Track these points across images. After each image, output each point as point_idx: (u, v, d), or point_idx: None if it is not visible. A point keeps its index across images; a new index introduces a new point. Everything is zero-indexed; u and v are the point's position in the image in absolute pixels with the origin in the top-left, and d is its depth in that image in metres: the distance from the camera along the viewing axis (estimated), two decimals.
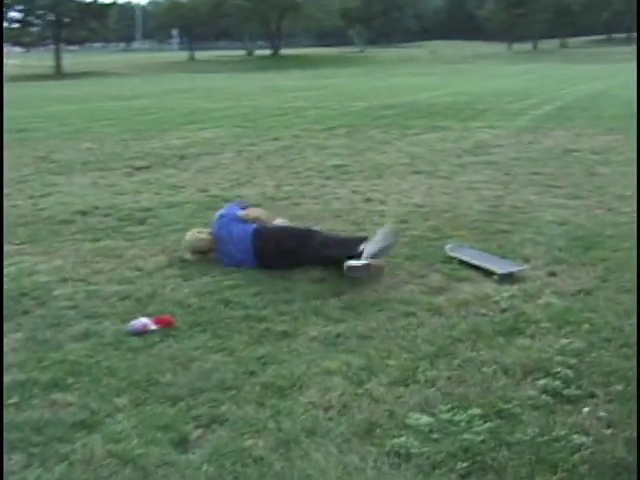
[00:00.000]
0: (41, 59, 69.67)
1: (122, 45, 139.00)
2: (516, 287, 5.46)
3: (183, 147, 13.02)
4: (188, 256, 6.24)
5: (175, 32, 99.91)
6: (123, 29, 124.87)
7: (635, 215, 7.51)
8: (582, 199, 8.44)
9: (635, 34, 64.41)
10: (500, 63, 60.44)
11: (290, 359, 4.30)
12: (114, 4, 74.66)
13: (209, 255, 6.21)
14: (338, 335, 4.63)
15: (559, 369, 4.07)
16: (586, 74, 38.52)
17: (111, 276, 5.85)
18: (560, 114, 17.74)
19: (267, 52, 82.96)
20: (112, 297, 5.38)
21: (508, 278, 5.64)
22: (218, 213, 6.37)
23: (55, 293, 5.46)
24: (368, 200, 8.49)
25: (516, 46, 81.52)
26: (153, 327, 4.75)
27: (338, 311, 5.05)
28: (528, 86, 28.56)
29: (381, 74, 45.10)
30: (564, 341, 4.47)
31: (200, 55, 78.71)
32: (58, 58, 62.07)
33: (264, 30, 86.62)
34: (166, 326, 4.78)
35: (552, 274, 5.77)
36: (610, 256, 6.16)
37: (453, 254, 6.18)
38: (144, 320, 4.79)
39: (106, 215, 7.87)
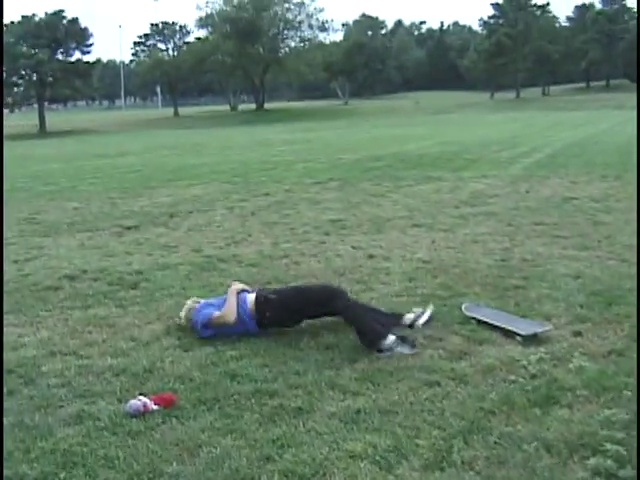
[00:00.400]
0: (24, 118, 69.58)
1: (105, 103, 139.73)
2: (543, 349, 5.08)
3: (172, 205, 12.64)
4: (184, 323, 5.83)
5: (158, 89, 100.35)
6: (106, 87, 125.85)
7: None
8: (592, 250, 8.11)
9: (613, 82, 65.47)
10: (483, 112, 60.80)
11: (309, 440, 3.87)
12: (97, 63, 74.97)
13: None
14: (358, 411, 4.21)
15: (608, 446, 3.67)
16: (569, 121, 38.70)
17: (104, 348, 5.42)
18: (551, 162, 17.55)
19: (251, 106, 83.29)
20: (106, 372, 4.94)
21: (532, 339, 5.28)
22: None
23: (44, 369, 5.02)
24: (371, 256, 8.11)
25: (498, 95, 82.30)
26: (154, 407, 4.31)
27: (355, 383, 4.63)
28: (514, 134, 28.52)
29: (366, 126, 45.17)
30: (607, 412, 4.07)
31: (184, 111, 79.01)
32: (42, 117, 62.01)
33: (247, 85, 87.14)
34: (168, 405, 4.35)
35: (577, 334, 5.40)
36: (634, 312, 5.77)
37: (470, 314, 5.80)
38: (143, 399, 4.34)
39: (95, 279, 7.43)
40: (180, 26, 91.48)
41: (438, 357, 5.04)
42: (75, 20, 69.49)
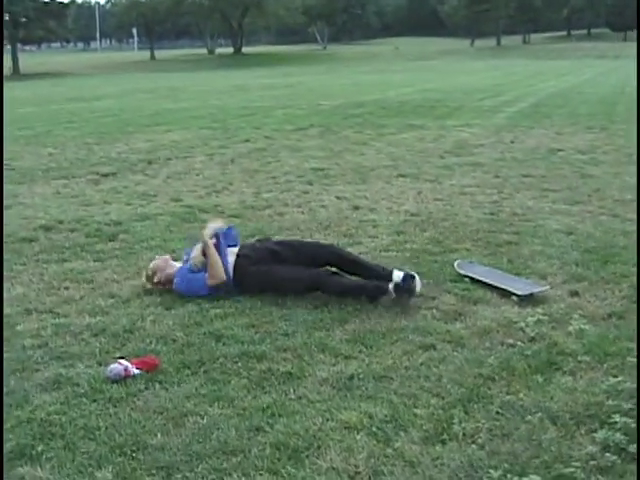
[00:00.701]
0: None
1: (80, 45, 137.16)
2: (540, 310, 4.89)
3: (150, 151, 12.27)
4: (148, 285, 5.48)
5: (134, 31, 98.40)
6: (81, 29, 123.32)
7: None
8: (582, 204, 7.93)
9: (595, 30, 64.96)
10: (464, 59, 60.08)
11: (300, 409, 3.66)
12: (72, 3, 73.20)
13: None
14: (351, 377, 3.99)
15: (616, 417, 3.47)
16: (551, 70, 38.29)
17: (82, 306, 5.16)
18: (535, 112, 17.30)
19: (229, 50, 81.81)
20: (84, 332, 4.69)
21: (529, 299, 5.08)
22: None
23: (19, 328, 4.76)
24: (356, 208, 7.87)
25: (479, 42, 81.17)
26: (135, 371, 4.07)
27: (346, 345, 4.41)
28: (496, 83, 28.18)
29: (346, 71, 44.50)
30: (611, 380, 3.88)
31: (160, 54, 77.48)
32: (15, 59, 60.20)
33: (225, 28, 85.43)
34: (150, 369, 4.11)
35: (574, 294, 5.22)
36: (631, 272, 5.62)
37: (463, 272, 5.59)
38: (124, 363, 4.10)
39: (72, 230, 7.14)
40: None
41: (432, 317, 4.84)
42: None
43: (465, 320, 4.78)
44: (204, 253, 5.38)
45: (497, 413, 3.60)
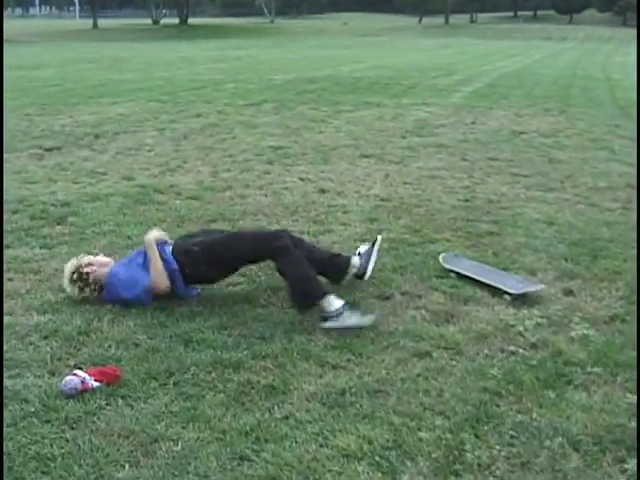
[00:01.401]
0: None
1: (19, 11, 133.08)
2: (537, 312, 4.51)
3: (97, 124, 11.56)
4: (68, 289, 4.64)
5: None
6: None
7: (625, 213, 6.73)
8: (557, 191, 7.61)
9: (541, 12, 65.18)
10: (413, 37, 59.53)
11: (290, 432, 3.19)
12: None
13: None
14: (343, 391, 3.54)
15: None
16: (500, 50, 38.09)
17: (29, 301, 4.58)
18: (491, 92, 16.96)
19: (174, 21, 79.97)
20: (33, 334, 4.13)
21: (522, 298, 4.68)
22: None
23: None
24: (323, 191, 7.39)
25: (426, 20, 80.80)
26: (94, 384, 3.55)
27: (332, 352, 3.95)
28: (448, 61, 27.82)
29: (294, 46, 43.65)
30: (630, 397, 3.51)
31: (103, 23, 75.13)
32: None
33: None
34: (111, 382, 3.59)
35: (569, 292, 4.87)
36: (623, 268, 5.28)
37: (449, 266, 5.17)
38: (81, 374, 3.57)
39: (15, 212, 6.50)
40: None
41: (422, 319, 4.40)
42: None
43: (458, 322, 4.37)
44: None
45: (511, 437, 3.19)
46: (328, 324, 4.21)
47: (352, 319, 4.23)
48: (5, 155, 9.03)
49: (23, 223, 6.14)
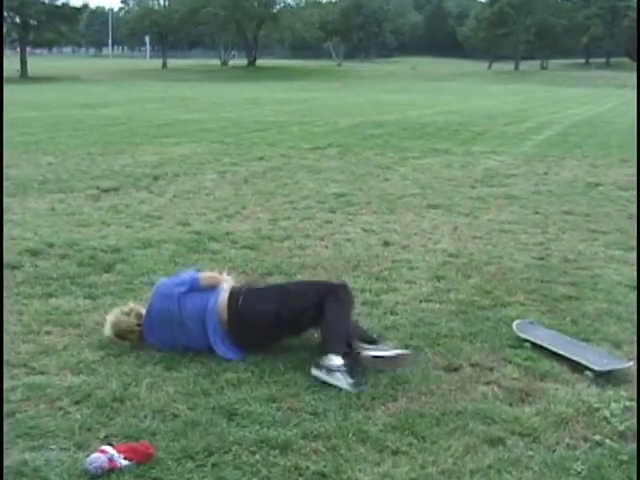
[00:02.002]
0: (7, 62, 66.94)
1: (92, 51, 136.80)
2: (624, 393, 4.00)
3: (157, 165, 11.36)
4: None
5: (147, 39, 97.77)
6: (94, 34, 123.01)
7: None
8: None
9: (614, 59, 63.97)
10: (481, 82, 58.93)
11: None
12: (85, 8, 72.43)
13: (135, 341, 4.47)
14: None
15: None
16: (572, 98, 37.32)
17: (64, 359, 4.24)
18: (564, 140, 16.40)
19: (242, 62, 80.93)
20: (64, 398, 3.77)
21: (606, 375, 4.15)
22: (158, 283, 4.67)
23: None
24: (387, 244, 6.96)
25: (496, 65, 79.84)
26: (122, 462, 3.16)
27: (392, 434, 3.50)
28: (518, 108, 27.25)
29: (361, 89, 43.53)
30: None
31: (173, 63, 76.57)
32: (23, 61, 59.02)
33: (239, 40, 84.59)
34: (142, 460, 3.20)
35: None
36: None
37: (523, 335, 4.67)
38: (109, 450, 3.18)
39: (63, 257, 6.21)
40: None
41: (493, 397, 3.92)
42: None
43: (535, 403, 3.88)
44: None
45: None
46: (318, 373, 4.03)
47: (342, 382, 3.95)
48: (62, 195, 8.89)
49: (70, 270, 5.84)
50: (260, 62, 79.90)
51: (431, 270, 6.13)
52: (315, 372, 4.04)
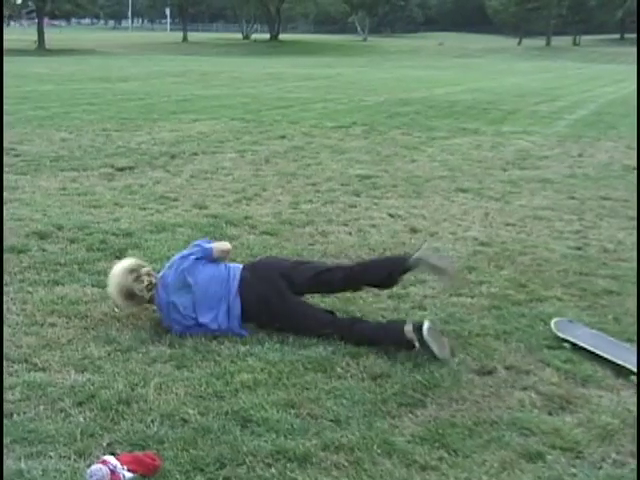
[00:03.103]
0: (24, 33, 66.75)
1: (111, 23, 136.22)
2: None
3: (174, 143, 11.04)
4: (119, 303, 4.42)
5: (167, 11, 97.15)
6: (113, 6, 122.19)
7: None
8: None
9: None
10: (511, 59, 57.78)
11: None
12: None
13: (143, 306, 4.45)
14: None
15: None
16: (606, 75, 36.36)
17: (68, 354, 3.95)
18: (599, 120, 15.87)
19: (264, 36, 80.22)
20: (65, 398, 3.49)
21: None
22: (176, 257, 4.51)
23: None
24: (414, 230, 6.61)
25: (526, 41, 78.20)
26: (127, 474, 2.87)
27: (420, 446, 3.20)
28: (549, 86, 26.59)
29: (387, 65, 42.86)
30: None
31: (193, 37, 76.01)
32: (40, 33, 57.94)
33: (262, 13, 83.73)
34: (148, 473, 2.91)
35: None
36: None
37: (562, 335, 4.33)
38: (111, 461, 2.89)
39: (72, 241, 5.91)
40: None
41: (531, 405, 3.59)
42: None
43: (576, 412, 3.55)
44: None
45: None
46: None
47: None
48: (74, 174, 8.59)
49: (78, 255, 5.54)
50: (283, 36, 79.10)
51: (461, 260, 5.77)
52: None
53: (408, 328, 4.01)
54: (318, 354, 4.00)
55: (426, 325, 3.98)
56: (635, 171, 9.95)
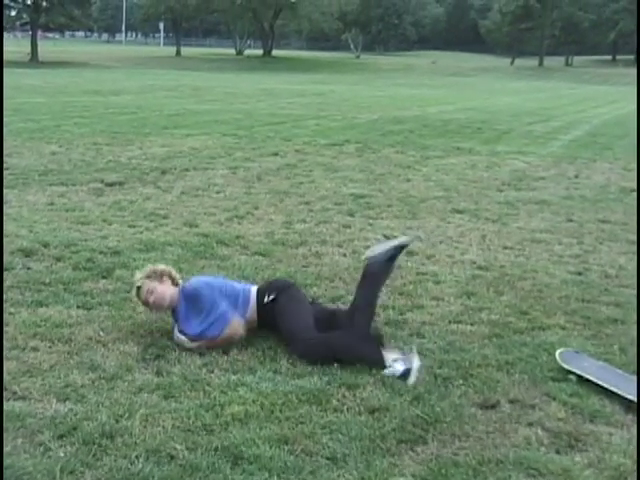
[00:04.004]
0: (18, 45, 66.41)
1: (105, 36, 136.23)
2: None
3: (165, 158, 10.85)
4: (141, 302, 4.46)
5: (161, 26, 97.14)
6: (107, 19, 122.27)
7: None
8: None
9: None
10: (504, 78, 57.77)
11: None
12: None
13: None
14: None
15: None
16: (600, 96, 36.33)
17: (50, 381, 3.74)
18: (593, 141, 15.77)
19: (258, 52, 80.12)
20: (45, 430, 3.28)
21: None
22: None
23: None
24: (410, 253, 6.40)
25: (519, 61, 78.33)
26: None
27: None
28: (543, 106, 26.54)
29: (380, 83, 42.77)
30: None
31: (187, 51, 75.91)
32: (34, 45, 57.74)
33: (256, 29, 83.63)
34: None
35: None
36: None
37: (568, 367, 4.14)
38: None
39: (58, 259, 5.71)
40: None
41: (538, 442, 3.41)
42: None
43: (586, 450, 3.37)
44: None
45: None
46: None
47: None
48: (63, 188, 8.40)
49: (64, 275, 5.33)
50: (276, 52, 79.06)
51: (459, 285, 5.60)
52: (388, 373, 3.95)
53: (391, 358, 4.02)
54: (313, 384, 3.80)
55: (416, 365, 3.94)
56: (633, 193, 9.83)
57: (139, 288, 4.34)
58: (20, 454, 3.10)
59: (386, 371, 3.95)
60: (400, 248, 4.52)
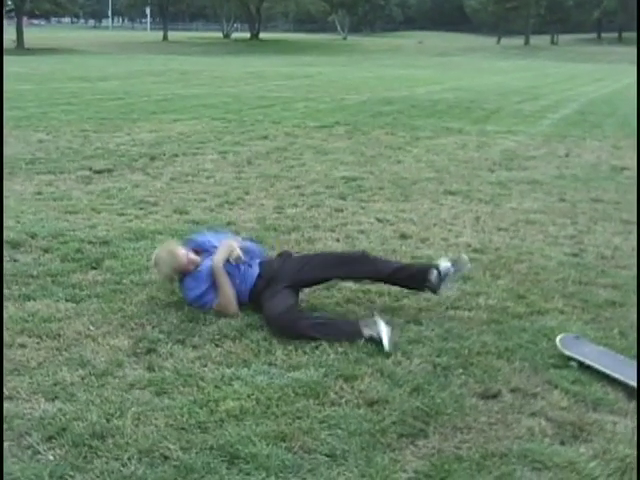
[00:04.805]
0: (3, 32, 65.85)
1: (91, 22, 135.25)
2: None
3: (154, 144, 10.71)
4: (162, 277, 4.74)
5: (148, 10, 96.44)
6: (93, 5, 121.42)
7: None
8: None
9: (627, 34, 62.23)
10: (491, 58, 57.71)
11: None
12: None
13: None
14: None
15: None
16: (585, 74, 36.33)
17: (38, 379, 3.63)
18: (582, 119, 15.71)
19: (245, 35, 79.63)
20: (33, 432, 3.18)
21: None
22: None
23: None
24: (404, 237, 6.34)
25: (505, 40, 78.24)
26: None
27: None
28: (530, 84, 26.45)
29: (368, 64, 42.59)
30: None
31: (174, 36, 75.36)
32: (19, 32, 56.99)
33: (242, 12, 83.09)
34: None
35: None
36: None
37: (568, 353, 4.05)
38: None
39: (46, 250, 5.59)
40: None
41: (541, 433, 3.32)
42: None
43: (590, 440, 3.28)
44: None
45: None
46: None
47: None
48: (50, 177, 8.27)
49: (52, 266, 5.21)
50: (263, 35, 78.60)
51: None
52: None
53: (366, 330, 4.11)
54: (309, 377, 3.70)
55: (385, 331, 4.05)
56: (624, 172, 9.76)
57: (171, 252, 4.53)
58: (7, 458, 2.99)
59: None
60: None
